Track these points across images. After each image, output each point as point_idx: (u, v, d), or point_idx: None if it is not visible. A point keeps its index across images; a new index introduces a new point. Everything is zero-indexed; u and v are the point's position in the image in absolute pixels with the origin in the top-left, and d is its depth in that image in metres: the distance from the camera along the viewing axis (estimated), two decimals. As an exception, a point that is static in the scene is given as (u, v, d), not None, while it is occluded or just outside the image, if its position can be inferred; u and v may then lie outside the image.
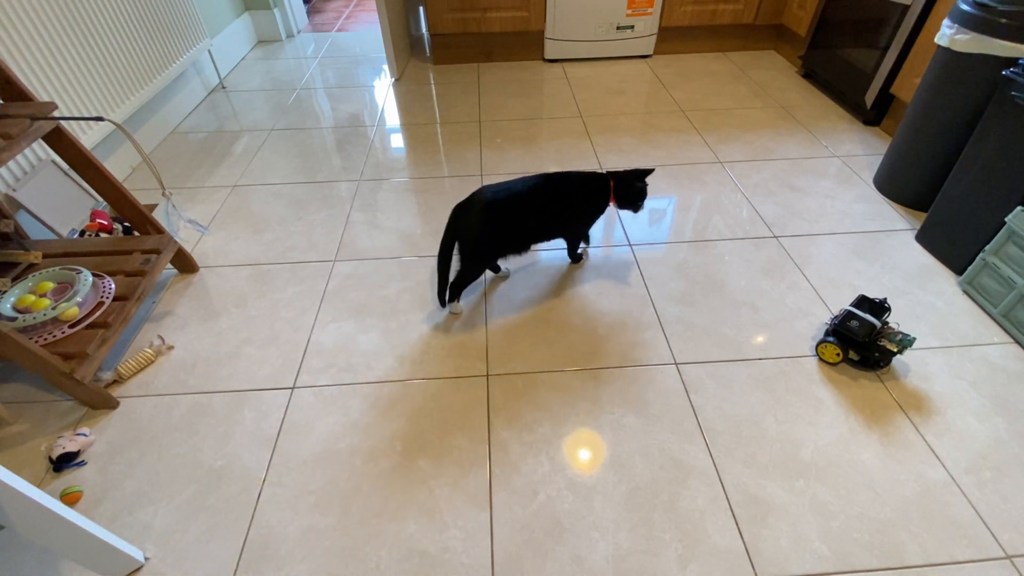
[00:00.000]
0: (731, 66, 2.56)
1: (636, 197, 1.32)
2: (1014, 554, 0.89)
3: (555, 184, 1.28)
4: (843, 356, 1.17)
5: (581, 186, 1.31)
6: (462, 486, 0.99)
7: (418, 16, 3.10)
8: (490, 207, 1.21)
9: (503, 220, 1.23)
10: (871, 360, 1.15)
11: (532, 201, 1.25)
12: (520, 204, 1.24)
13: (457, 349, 1.24)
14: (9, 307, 1.11)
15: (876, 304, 1.18)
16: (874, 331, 1.13)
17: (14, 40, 1.37)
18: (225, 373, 1.20)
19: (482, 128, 2.11)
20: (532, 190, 1.25)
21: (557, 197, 1.27)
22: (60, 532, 0.77)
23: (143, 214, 1.34)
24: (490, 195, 1.21)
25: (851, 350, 1.16)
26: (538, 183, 1.26)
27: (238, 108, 2.28)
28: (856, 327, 1.13)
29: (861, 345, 1.15)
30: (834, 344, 1.17)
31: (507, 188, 1.24)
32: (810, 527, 0.93)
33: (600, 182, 1.32)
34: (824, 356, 1.20)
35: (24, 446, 1.07)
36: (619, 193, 1.32)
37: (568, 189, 1.29)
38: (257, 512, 0.96)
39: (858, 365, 1.18)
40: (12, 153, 0.99)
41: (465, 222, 1.23)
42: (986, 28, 1.29)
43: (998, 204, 1.27)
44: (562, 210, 1.29)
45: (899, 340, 1.12)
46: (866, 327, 1.13)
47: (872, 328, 1.13)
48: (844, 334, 1.16)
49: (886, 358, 1.15)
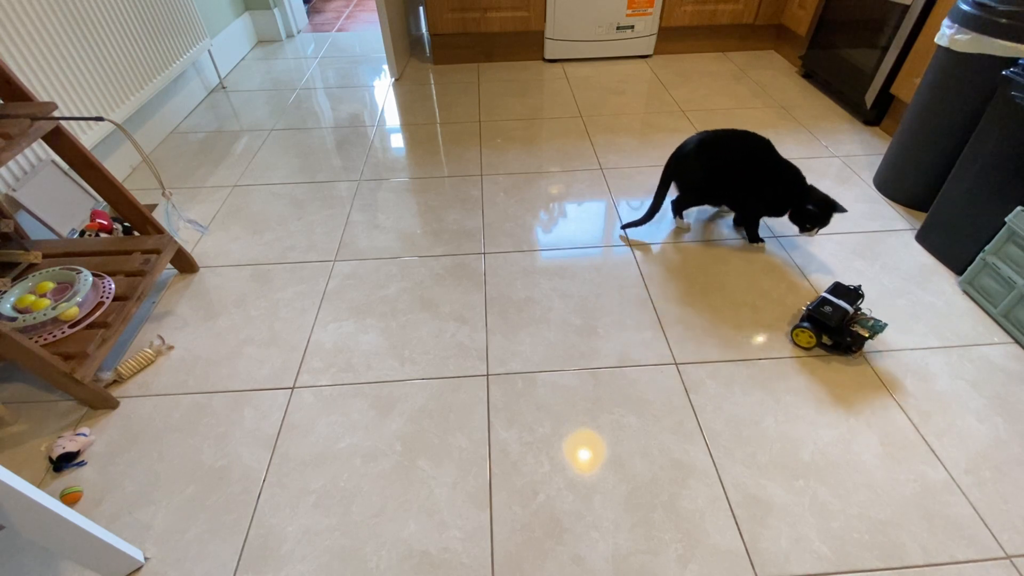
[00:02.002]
0: (731, 66, 2.56)
1: (806, 217, 1.38)
2: (1014, 554, 0.89)
3: (762, 152, 1.40)
4: (816, 341, 1.20)
5: (782, 168, 1.40)
6: (462, 486, 0.99)
7: (418, 16, 3.10)
8: (702, 145, 1.43)
9: (710, 160, 1.43)
10: (843, 345, 1.18)
11: (736, 154, 1.41)
12: (726, 154, 1.42)
13: (457, 349, 1.24)
14: (9, 307, 1.11)
15: (850, 291, 1.21)
16: (847, 317, 1.16)
17: (14, 40, 1.37)
18: (225, 373, 1.20)
19: (482, 128, 2.11)
20: (741, 143, 1.41)
21: (758, 162, 1.40)
22: (60, 532, 0.77)
23: (143, 214, 1.34)
24: (704, 136, 1.44)
25: (824, 335, 1.19)
26: (750, 142, 1.40)
27: (238, 108, 2.28)
28: (829, 312, 1.17)
29: (834, 330, 1.17)
30: (808, 329, 1.20)
31: (722, 135, 1.43)
32: (810, 527, 0.93)
33: (796, 179, 1.40)
34: (798, 341, 1.23)
35: (24, 446, 1.07)
36: (799, 203, 1.39)
37: (770, 164, 1.40)
38: (257, 512, 0.96)
39: (831, 350, 1.21)
40: (12, 153, 0.99)
41: (681, 156, 1.46)
42: (986, 28, 1.29)
43: (998, 204, 1.27)
44: (754, 177, 1.41)
45: (871, 326, 1.16)
46: (839, 313, 1.16)
47: (845, 314, 1.16)
48: (818, 319, 1.18)
49: (858, 343, 1.18)
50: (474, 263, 1.48)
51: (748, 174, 1.41)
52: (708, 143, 1.43)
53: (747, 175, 1.41)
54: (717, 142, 1.43)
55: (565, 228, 1.60)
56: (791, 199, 1.41)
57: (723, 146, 1.42)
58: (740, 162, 1.40)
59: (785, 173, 1.40)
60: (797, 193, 1.39)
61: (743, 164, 1.40)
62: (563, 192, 1.75)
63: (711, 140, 1.43)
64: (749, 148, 1.40)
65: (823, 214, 1.36)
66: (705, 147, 1.43)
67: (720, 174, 1.44)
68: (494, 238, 1.56)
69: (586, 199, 1.72)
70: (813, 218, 1.37)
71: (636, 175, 1.82)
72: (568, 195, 1.74)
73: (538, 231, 1.59)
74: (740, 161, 1.40)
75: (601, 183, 1.78)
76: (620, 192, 1.74)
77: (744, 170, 1.41)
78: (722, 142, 1.42)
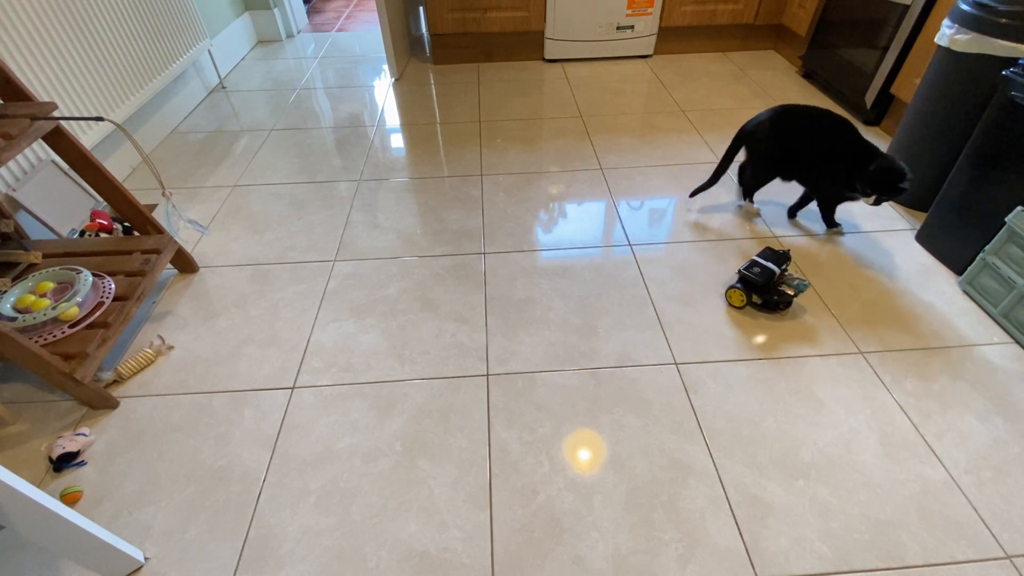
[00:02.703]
0: (731, 66, 2.56)
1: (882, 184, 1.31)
2: (1014, 554, 0.89)
3: (838, 127, 1.37)
4: (747, 300, 1.31)
5: (857, 143, 1.35)
6: (462, 486, 0.99)
7: (418, 16, 3.10)
8: (781, 115, 1.42)
9: (786, 131, 1.42)
10: (771, 303, 1.28)
11: (812, 130, 1.38)
12: (803, 127, 1.39)
13: (457, 349, 1.24)
14: (9, 307, 1.11)
15: (779, 254, 1.31)
16: (774, 277, 1.26)
17: (14, 40, 1.37)
18: (225, 373, 1.20)
19: (482, 128, 2.11)
20: (819, 120, 1.38)
21: (837, 139, 1.36)
22: (60, 532, 0.77)
23: (143, 214, 1.34)
24: (784, 107, 1.43)
25: (754, 294, 1.29)
26: (829, 118, 1.37)
27: (238, 108, 2.28)
28: (758, 273, 1.27)
29: (762, 289, 1.27)
30: (740, 289, 1.30)
31: (801, 109, 1.41)
32: (810, 527, 0.93)
33: (869, 152, 1.35)
34: (732, 301, 1.33)
35: (24, 446, 1.07)
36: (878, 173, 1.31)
37: (847, 138, 1.36)
38: (257, 512, 0.96)
39: (762, 308, 1.31)
40: (12, 153, 0.99)
41: (758, 122, 1.45)
42: (986, 28, 1.29)
43: (998, 204, 1.27)
44: (828, 153, 1.38)
45: (795, 285, 1.28)
46: (767, 273, 1.26)
47: (772, 275, 1.26)
48: (747, 280, 1.28)
49: (784, 301, 1.28)
50: (474, 263, 1.48)
51: (826, 150, 1.38)
52: (788, 113, 1.42)
53: (825, 151, 1.38)
54: (797, 113, 1.42)
55: (565, 228, 1.60)
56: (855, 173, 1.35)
57: (802, 117, 1.41)
58: (818, 137, 1.38)
59: (866, 155, 1.34)
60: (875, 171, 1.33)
61: (821, 139, 1.38)
62: (563, 192, 1.75)
63: (791, 111, 1.42)
64: (829, 124, 1.38)
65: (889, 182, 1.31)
66: (784, 116, 1.43)
67: (795, 146, 1.42)
68: (494, 238, 1.56)
69: (586, 199, 1.72)
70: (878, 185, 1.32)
71: (636, 175, 1.82)
72: (568, 195, 1.74)
73: (538, 231, 1.59)
74: (818, 136, 1.38)
75: (601, 183, 1.78)
76: (620, 192, 1.74)
77: (822, 146, 1.38)
78: (802, 114, 1.41)
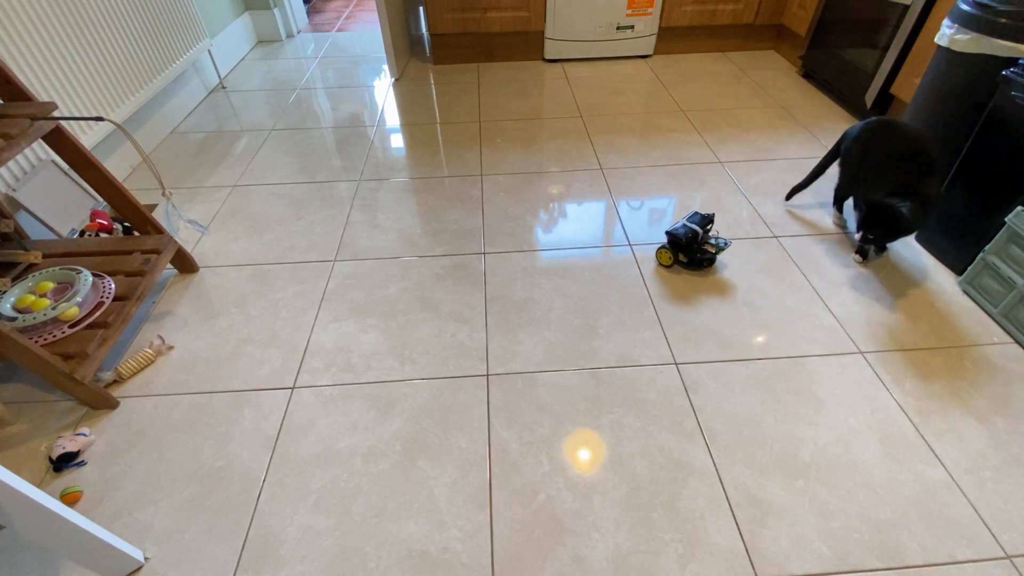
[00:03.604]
0: (731, 66, 2.56)
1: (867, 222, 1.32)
2: (1014, 554, 0.89)
3: (922, 154, 1.32)
4: (674, 259, 1.43)
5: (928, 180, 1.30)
6: (462, 486, 0.99)
7: (418, 16, 3.10)
8: (876, 125, 1.40)
9: (874, 142, 1.39)
10: (696, 261, 1.41)
11: (901, 148, 1.34)
12: (893, 143, 1.36)
13: (457, 349, 1.24)
14: (9, 307, 1.11)
15: (704, 217, 1.41)
16: (698, 237, 1.37)
17: (14, 40, 1.37)
18: (225, 373, 1.20)
19: (482, 128, 2.11)
20: (911, 141, 1.33)
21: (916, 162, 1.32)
22: (60, 532, 0.77)
23: (143, 214, 1.34)
24: (885, 119, 1.40)
25: (680, 253, 1.42)
26: (919, 141, 1.33)
27: (238, 108, 2.28)
28: (682, 233, 1.37)
29: (686, 248, 1.39)
30: (667, 248, 1.42)
31: (897, 125, 1.38)
32: (810, 527, 0.93)
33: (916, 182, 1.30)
34: (660, 260, 1.45)
35: (24, 446, 1.07)
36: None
37: (925, 168, 1.31)
38: (257, 512, 0.96)
39: (688, 266, 1.44)
40: (12, 153, 0.99)
41: (854, 128, 1.44)
42: (986, 28, 1.29)
43: (998, 204, 1.27)
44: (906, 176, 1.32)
45: (717, 243, 1.40)
46: (690, 233, 1.36)
47: (696, 234, 1.37)
48: (673, 238, 1.39)
49: (708, 258, 1.40)
50: (474, 263, 1.48)
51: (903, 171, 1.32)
52: (882, 126, 1.39)
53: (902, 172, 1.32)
54: (889, 129, 1.38)
55: (565, 228, 1.60)
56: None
57: (892, 134, 1.36)
58: (900, 157, 1.33)
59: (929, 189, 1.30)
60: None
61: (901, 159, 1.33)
62: (563, 192, 1.75)
63: (884, 125, 1.39)
64: (914, 145, 1.32)
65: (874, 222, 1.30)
66: (876, 128, 1.40)
67: (876, 163, 1.37)
68: (494, 238, 1.56)
69: (586, 199, 1.72)
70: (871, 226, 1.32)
71: (636, 175, 1.82)
72: (568, 195, 1.74)
73: (538, 231, 1.59)
74: (900, 155, 1.33)
75: (601, 183, 1.78)
76: (620, 192, 1.74)
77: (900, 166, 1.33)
78: (893, 130, 1.37)
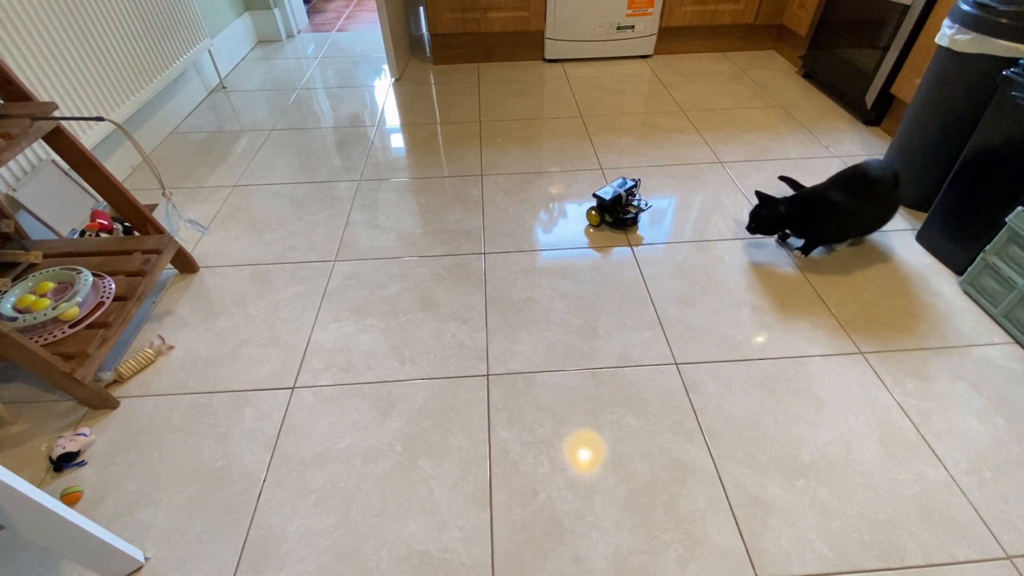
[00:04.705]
0: (731, 66, 2.56)
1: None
2: (1014, 554, 0.89)
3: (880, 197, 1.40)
4: (601, 219, 1.60)
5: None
6: (462, 486, 0.99)
7: (418, 16, 3.10)
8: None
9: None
10: (620, 220, 1.57)
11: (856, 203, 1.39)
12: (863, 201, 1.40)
13: (457, 349, 1.24)
14: (9, 307, 1.11)
15: (629, 183, 1.58)
16: (621, 200, 1.55)
17: (14, 40, 1.37)
18: (225, 373, 1.20)
19: (482, 128, 2.11)
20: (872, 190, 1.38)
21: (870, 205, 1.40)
22: (60, 532, 0.77)
23: (143, 214, 1.34)
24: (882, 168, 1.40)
25: (606, 214, 1.58)
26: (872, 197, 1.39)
27: (238, 108, 2.28)
28: (608, 194, 1.54)
29: (611, 209, 1.56)
30: (595, 210, 1.59)
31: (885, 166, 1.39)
32: (810, 527, 0.93)
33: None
34: (590, 220, 1.61)
35: (24, 446, 1.07)
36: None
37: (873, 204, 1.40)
38: (257, 512, 0.96)
39: (614, 226, 1.60)
40: (12, 153, 0.99)
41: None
42: (986, 28, 1.29)
43: (998, 204, 1.27)
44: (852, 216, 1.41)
45: (638, 204, 1.59)
46: (615, 196, 1.54)
47: (620, 197, 1.54)
48: (601, 202, 1.56)
49: (631, 219, 1.57)
50: (474, 263, 1.48)
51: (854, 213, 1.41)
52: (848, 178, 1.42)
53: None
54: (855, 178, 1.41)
55: (565, 228, 1.60)
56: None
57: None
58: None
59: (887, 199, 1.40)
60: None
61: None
62: (563, 192, 1.75)
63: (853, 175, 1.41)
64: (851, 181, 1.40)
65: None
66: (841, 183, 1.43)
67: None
68: (494, 238, 1.57)
69: (586, 199, 1.72)
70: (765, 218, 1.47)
71: (636, 175, 1.82)
72: (568, 195, 1.74)
73: (538, 231, 1.59)
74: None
75: (601, 183, 1.78)
76: (620, 192, 1.74)
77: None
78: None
